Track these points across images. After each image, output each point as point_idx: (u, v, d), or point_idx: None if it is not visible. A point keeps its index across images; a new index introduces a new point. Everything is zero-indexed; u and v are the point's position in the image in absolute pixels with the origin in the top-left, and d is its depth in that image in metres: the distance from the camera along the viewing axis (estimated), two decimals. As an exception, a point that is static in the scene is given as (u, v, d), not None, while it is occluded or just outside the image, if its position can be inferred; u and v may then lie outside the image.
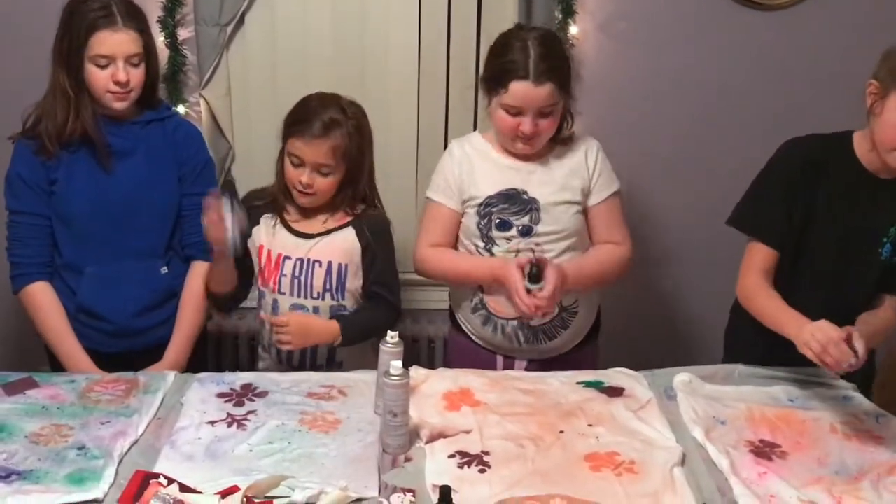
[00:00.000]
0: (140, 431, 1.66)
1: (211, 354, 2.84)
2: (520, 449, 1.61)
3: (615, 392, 1.84)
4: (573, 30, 2.60)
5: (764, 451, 1.63)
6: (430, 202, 2.09)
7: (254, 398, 1.80)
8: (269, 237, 2.04)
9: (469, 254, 2.07)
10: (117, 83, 1.91)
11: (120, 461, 1.55)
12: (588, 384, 1.87)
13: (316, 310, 2.03)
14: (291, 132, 1.95)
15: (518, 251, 2.01)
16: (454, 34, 2.69)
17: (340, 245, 2.02)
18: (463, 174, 2.03)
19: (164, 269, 2.06)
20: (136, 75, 1.94)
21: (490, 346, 2.11)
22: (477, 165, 2.03)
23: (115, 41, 1.89)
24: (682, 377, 1.87)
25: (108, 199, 1.97)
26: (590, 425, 1.70)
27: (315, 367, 2.06)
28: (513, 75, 1.90)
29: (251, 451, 1.60)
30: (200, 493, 1.42)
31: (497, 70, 1.94)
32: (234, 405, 1.77)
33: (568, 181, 2.03)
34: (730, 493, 1.49)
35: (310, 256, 2.00)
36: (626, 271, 2.10)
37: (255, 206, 2.04)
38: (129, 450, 1.59)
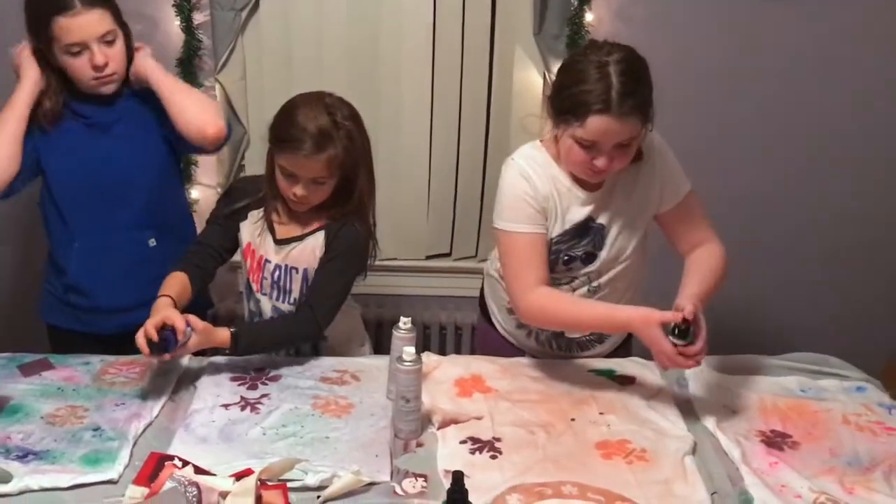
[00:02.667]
0: (154, 413, 1.67)
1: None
2: (531, 436, 1.62)
3: (627, 380, 1.84)
4: (589, 17, 2.59)
5: (775, 441, 1.63)
6: (511, 235, 1.78)
7: (267, 382, 1.81)
8: (254, 237, 1.96)
9: (586, 300, 1.85)
10: (96, 67, 1.85)
11: (135, 443, 1.56)
12: (600, 372, 1.88)
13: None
14: (281, 147, 1.82)
15: (574, 279, 1.85)
16: (468, 17, 2.68)
17: (311, 251, 1.93)
18: (546, 204, 1.78)
19: (153, 242, 2.03)
20: (115, 54, 1.88)
21: (521, 347, 2.01)
22: (556, 196, 1.79)
23: (78, 25, 1.81)
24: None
25: (92, 173, 1.95)
26: (601, 413, 1.71)
27: (299, 354, 2.00)
28: (591, 108, 1.62)
29: (264, 434, 1.61)
30: (214, 475, 1.43)
31: (572, 100, 1.65)
32: (248, 388, 1.78)
33: (639, 203, 1.82)
34: (741, 482, 1.49)
35: (287, 263, 1.94)
36: (727, 265, 1.86)
37: (245, 205, 1.96)
38: (143, 432, 1.61)
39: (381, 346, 2.47)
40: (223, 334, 1.80)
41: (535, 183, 1.77)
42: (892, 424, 1.69)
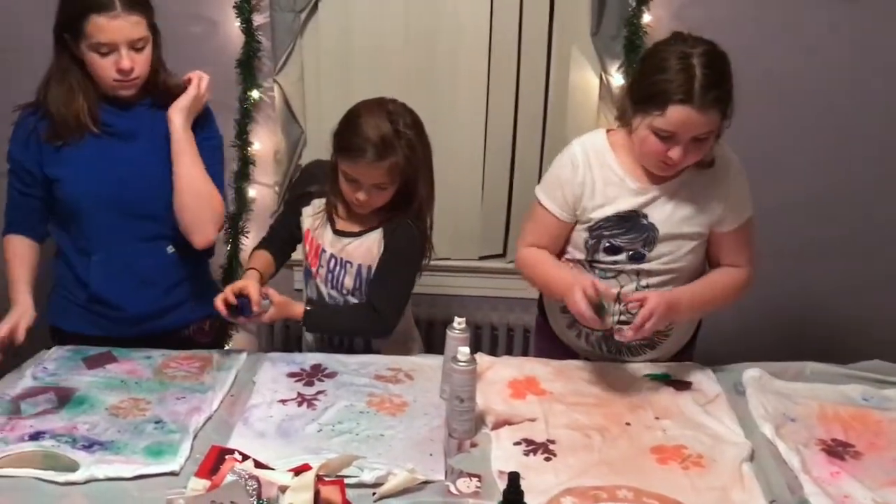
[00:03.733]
0: (214, 407, 1.71)
1: (265, 331, 2.92)
2: (586, 439, 1.61)
3: (683, 385, 1.82)
4: (647, 17, 2.57)
5: (836, 450, 1.60)
6: (540, 205, 1.87)
7: (323, 378, 1.83)
8: (314, 225, 2.02)
9: (560, 264, 1.90)
10: (121, 71, 1.82)
11: (195, 436, 1.60)
12: (655, 377, 1.86)
13: (346, 303, 2.03)
14: (344, 155, 1.86)
15: (620, 273, 1.85)
16: (526, 21, 2.68)
17: (368, 247, 1.97)
18: (583, 190, 1.82)
19: (171, 249, 1.99)
20: (141, 60, 1.85)
21: (574, 349, 2.00)
22: (598, 185, 1.81)
23: (113, 27, 1.78)
24: (751, 373, 1.85)
25: (110, 185, 1.90)
26: (657, 418, 1.69)
27: (351, 352, 2.04)
28: (672, 98, 1.63)
29: (320, 430, 1.64)
30: (273, 469, 1.46)
31: (653, 89, 1.66)
32: (305, 385, 1.81)
33: (697, 213, 1.80)
34: (800, 490, 1.47)
35: (342, 256, 1.99)
36: (744, 294, 1.89)
37: (309, 192, 2.04)
38: (203, 425, 1.64)
39: (431, 345, 2.48)
40: (298, 309, 1.95)
41: (580, 170, 1.82)
42: (960, 436, 1.65)
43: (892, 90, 2.63)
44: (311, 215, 2.04)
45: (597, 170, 1.81)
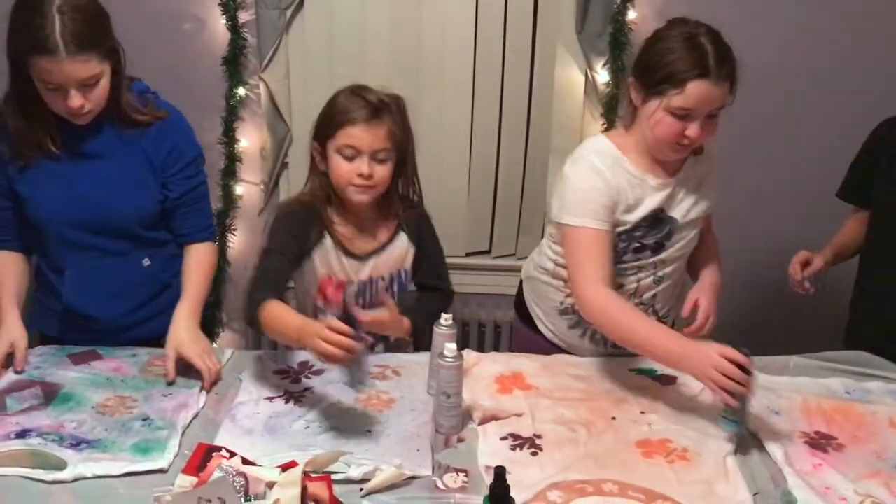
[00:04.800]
0: (201, 404, 1.71)
1: (252, 338, 2.91)
2: (572, 433, 1.63)
3: (668, 380, 1.83)
4: (632, 14, 2.58)
5: (819, 442, 1.61)
6: (586, 230, 1.78)
7: (310, 376, 1.83)
8: (331, 266, 1.93)
9: (644, 316, 1.81)
10: (69, 109, 1.70)
11: (183, 433, 1.60)
12: (641, 371, 1.87)
13: None
14: (339, 125, 1.82)
15: (640, 269, 1.88)
16: (510, 17, 2.69)
17: (398, 256, 1.97)
18: (618, 196, 1.80)
19: (147, 262, 1.94)
20: (95, 96, 1.72)
21: (570, 349, 2.00)
22: (625, 188, 1.80)
23: (59, 71, 1.64)
24: (736, 367, 1.86)
25: (79, 205, 1.83)
26: (642, 412, 1.70)
27: None
28: (691, 74, 1.67)
29: (307, 427, 1.64)
30: (260, 466, 1.46)
31: (668, 69, 1.70)
32: (291, 382, 1.81)
33: (702, 198, 1.89)
34: (784, 483, 1.48)
35: (372, 275, 1.96)
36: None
37: (317, 232, 1.92)
38: (190, 422, 1.64)
39: (418, 342, 2.47)
40: (405, 322, 1.88)
41: (608, 176, 1.78)
42: (940, 428, 1.67)
43: (879, 85, 2.65)
44: (325, 254, 1.92)
45: (620, 174, 1.80)
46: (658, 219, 1.85)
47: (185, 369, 1.80)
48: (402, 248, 1.97)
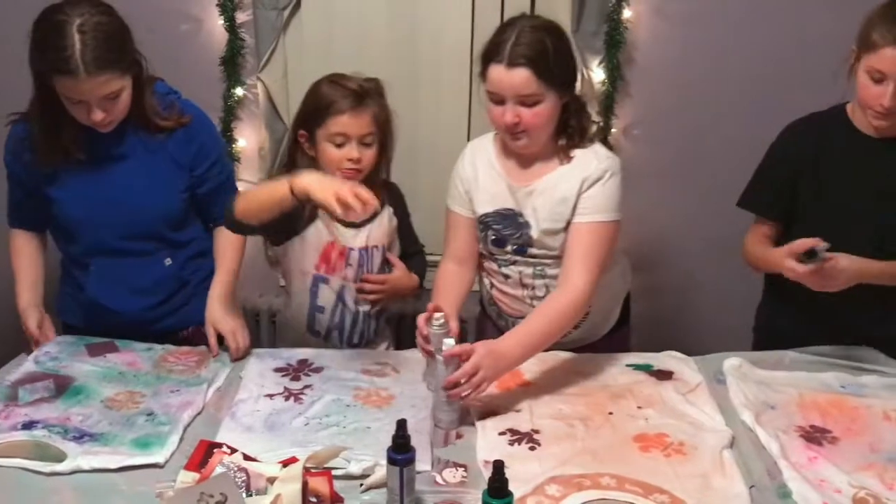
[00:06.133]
0: (206, 399, 1.73)
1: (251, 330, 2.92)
2: (569, 428, 1.64)
3: (664, 375, 1.85)
4: (627, 13, 2.59)
5: (815, 436, 1.63)
6: (448, 210, 2.00)
7: (310, 373, 1.85)
8: (322, 234, 2.01)
9: (447, 294, 1.92)
10: (94, 122, 1.75)
11: (185, 429, 1.61)
12: (637, 367, 1.89)
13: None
14: (326, 115, 1.90)
15: (515, 261, 1.94)
16: (507, 16, 2.69)
17: (385, 226, 2.05)
18: (470, 183, 1.95)
19: (168, 261, 1.99)
20: (117, 108, 1.77)
21: None
22: (481, 178, 1.94)
23: (80, 90, 1.68)
24: (732, 361, 1.88)
25: (107, 209, 1.89)
26: (639, 407, 1.72)
27: (368, 344, 2.10)
28: (491, 58, 1.78)
29: (307, 424, 1.65)
30: (261, 462, 1.47)
31: (482, 55, 1.82)
32: (291, 379, 1.82)
33: (559, 205, 1.86)
34: (779, 476, 1.50)
35: (369, 244, 2.02)
36: (575, 315, 1.83)
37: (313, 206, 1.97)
38: (193, 420, 1.66)
39: (402, 340, 2.48)
40: (414, 280, 2.09)
41: (466, 166, 1.97)
42: (934, 421, 1.68)
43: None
44: (323, 221, 1.99)
45: (482, 173, 1.94)
46: (514, 220, 1.91)
47: (198, 365, 1.87)
48: (386, 221, 2.06)
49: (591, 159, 1.86)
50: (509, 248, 1.94)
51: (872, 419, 1.68)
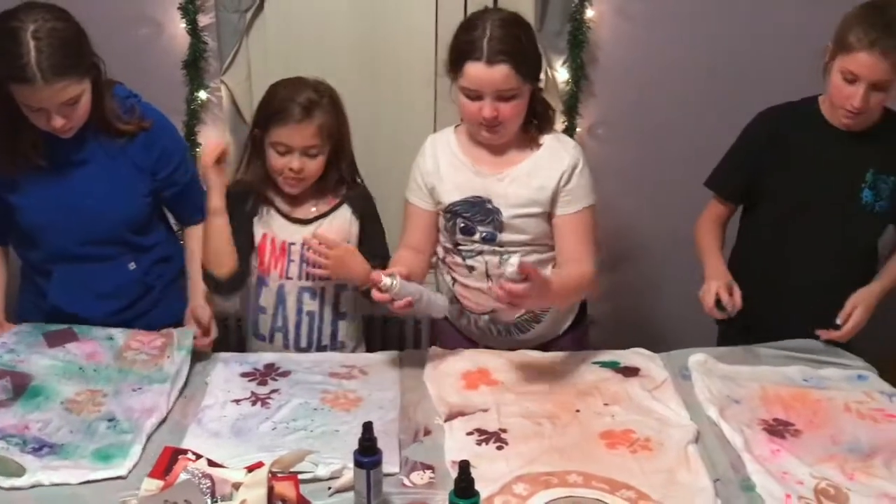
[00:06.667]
0: (168, 407, 1.70)
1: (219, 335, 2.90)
2: (537, 427, 1.65)
3: (631, 372, 1.86)
4: (590, 13, 2.61)
5: (777, 429, 1.65)
6: (407, 203, 2.04)
7: (277, 378, 1.84)
8: (269, 226, 2.03)
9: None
10: (53, 129, 1.73)
11: (148, 438, 1.59)
12: (604, 364, 1.90)
13: (322, 290, 2.05)
14: (272, 122, 1.92)
15: (482, 251, 1.96)
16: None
17: (340, 225, 2.03)
18: (432, 176, 1.97)
19: (132, 266, 1.97)
20: (77, 114, 1.74)
21: (470, 336, 2.09)
22: (444, 170, 1.96)
23: (38, 97, 1.66)
24: (697, 357, 1.90)
25: (68, 214, 1.87)
26: (606, 404, 1.73)
27: (320, 348, 2.07)
28: (468, 56, 1.79)
29: (274, 428, 1.64)
30: (227, 468, 1.46)
31: (455, 52, 1.84)
32: (258, 384, 1.81)
33: (535, 193, 1.90)
34: (743, 469, 1.52)
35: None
36: (591, 289, 1.97)
37: (244, 198, 2.02)
38: (157, 428, 1.64)
39: (370, 341, 2.47)
40: (367, 267, 1.94)
41: (427, 159, 1.98)
42: (893, 412, 1.71)
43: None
44: (264, 218, 2.03)
45: (444, 163, 1.96)
46: (482, 207, 1.93)
47: (161, 353, 1.85)
48: (345, 220, 2.05)
49: (561, 150, 1.92)
50: (478, 236, 1.95)
51: (834, 411, 1.71)
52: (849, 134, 1.98)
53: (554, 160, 1.91)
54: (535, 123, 1.93)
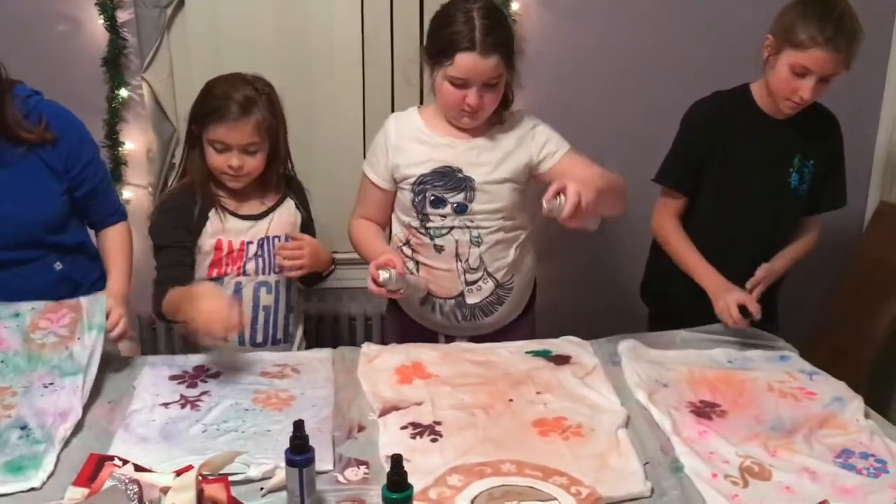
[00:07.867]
0: (84, 399, 1.66)
1: (148, 339, 2.85)
2: (471, 417, 1.65)
3: (562, 360, 1.89)
4: (515, 6, 2.63)
5: (704, 410, 1.69)
6: (364, 176, 2.08)
7: (206, 379, 1.81)
8: (222, 230, 2.01)
9: (378, 239, 2.09)
10: None
11: (64, 446, 1.54)
12: (536, 353, 1.92)
13: (278, 283, 2.06)
14: (209, 120, 1.93)
15: (452, 228, 2.00)
16: (397, 10, 2.70)
17: (287, 219, 2.07)
18: (395, 155, 2.01)
19: (58, 265, 1.93)
20: None
21: (429, 325, 2.13)
22: (408, 146, 2.00)
23: None
24: (626, 343, 1.94)
25: None
26: (538, 393, 1.75)
27: (274, 342, 2.10)
28: (459, 47, 1.84)
29: (205, 431, 1.61)
30: (155, 472, 1.43)
31: (442, 42, 1.88)
32: (187, 387, 1.77)
33: (507, 159, 1.99)
34: (672, 451, 1.55)
35: (269, 234, 2.04)
36: (625, 190, 1.94)
37: (189, 208, 2.00)
38: (72, 434, 1.58)
39: (321, 340, 2.46)
40: (328, 254, 2.10)
41: (391, 134, 2.02)
42: (813, 389, 1.78)
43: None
44: (214, 223, 2.01)
45: (407, 140, 2.01)
46: (450, 176, 1.98)
47: (70, 333, 1.79)
48: (290, 212, 2.09)
49: (520, 120, 2.04)
50: (448, 207, 1.98)
51: (757, 391, 1.77)
52: (779, 121, 2.06)
53: (517, 130, 2.01)
54: (504, 103, 2.00)
